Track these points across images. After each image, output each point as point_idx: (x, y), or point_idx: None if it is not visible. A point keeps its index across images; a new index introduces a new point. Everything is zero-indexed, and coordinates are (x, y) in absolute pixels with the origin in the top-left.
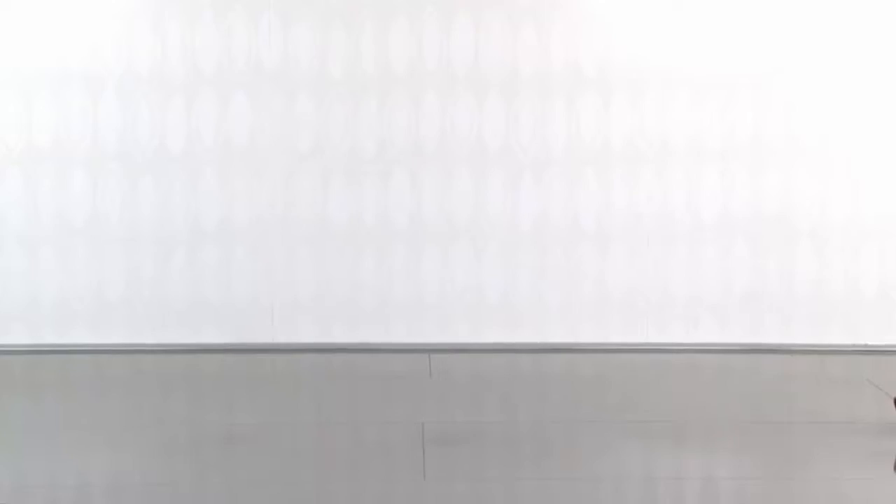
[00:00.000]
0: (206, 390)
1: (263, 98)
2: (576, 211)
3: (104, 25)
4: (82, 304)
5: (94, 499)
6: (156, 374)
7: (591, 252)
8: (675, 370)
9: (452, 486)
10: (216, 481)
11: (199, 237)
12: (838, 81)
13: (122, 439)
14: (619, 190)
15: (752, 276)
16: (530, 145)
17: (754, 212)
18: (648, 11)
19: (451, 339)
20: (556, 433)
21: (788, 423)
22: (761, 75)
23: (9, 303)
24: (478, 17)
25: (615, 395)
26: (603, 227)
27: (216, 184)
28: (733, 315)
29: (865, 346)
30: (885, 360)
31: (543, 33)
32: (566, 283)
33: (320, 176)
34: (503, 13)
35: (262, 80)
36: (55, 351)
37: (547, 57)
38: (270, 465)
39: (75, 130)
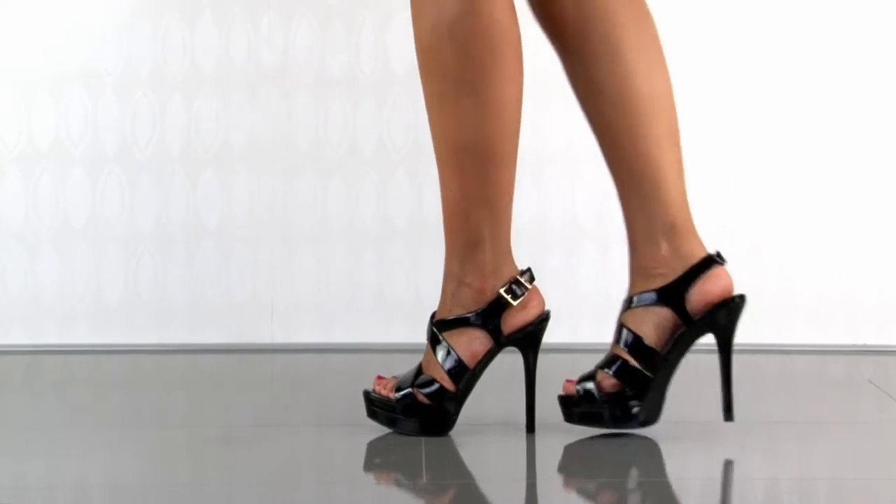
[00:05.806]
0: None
1: (263, 98)
2: (575, 211)
3: (104, 25)
4: (82, 304)
5: (93, 499)
6: (155, 374)
7: (592, 252)
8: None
9: (446, 482)
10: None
11: (198, 237)
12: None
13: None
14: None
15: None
16: (530, 145)
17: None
18: None
19: None
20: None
21: None
22: (769, 73)
23: (8, 303)
24: None
25: None
26: (604, 226)
27: (216, 184)
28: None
29: (865, 345)
30: (886, 360)
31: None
32: (566, 284)
33: (320, 176)
34: None
35: (262, 79)
36: (55, 351)
37: (548, 57)
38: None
39: (75, 130)
